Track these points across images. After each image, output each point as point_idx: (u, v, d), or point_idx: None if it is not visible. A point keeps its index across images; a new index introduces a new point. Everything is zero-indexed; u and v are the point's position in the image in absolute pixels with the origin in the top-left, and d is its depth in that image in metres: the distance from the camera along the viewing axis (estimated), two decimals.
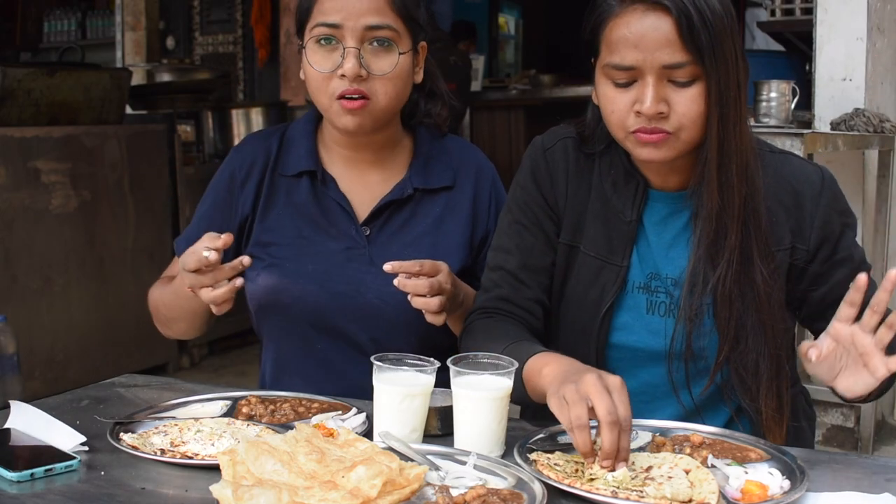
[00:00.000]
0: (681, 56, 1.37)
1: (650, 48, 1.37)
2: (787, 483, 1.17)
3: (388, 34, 1.57)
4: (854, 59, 3.45)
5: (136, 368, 3.62)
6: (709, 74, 1.38)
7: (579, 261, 1.55)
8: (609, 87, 1.43)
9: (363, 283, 1.66)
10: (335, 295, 1.66)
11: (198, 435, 1.31)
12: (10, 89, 3.80)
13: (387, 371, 1.33)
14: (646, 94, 1.38)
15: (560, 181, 1.57)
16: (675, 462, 1.20)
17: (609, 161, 1.56)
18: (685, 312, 1.46)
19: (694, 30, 1.36)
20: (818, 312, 1.54)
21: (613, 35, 1.40)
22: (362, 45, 1.56)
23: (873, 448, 3.47)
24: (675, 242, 1.53)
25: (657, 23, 1.37)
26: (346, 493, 1.06)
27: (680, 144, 1.42)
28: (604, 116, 1.47)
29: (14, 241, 3.79)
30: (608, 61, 1.41)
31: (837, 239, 1.52)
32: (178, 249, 1.72)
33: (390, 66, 1.58)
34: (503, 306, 1.56)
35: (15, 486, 1.16)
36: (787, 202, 1.50)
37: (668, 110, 1.39)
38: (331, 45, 1.57)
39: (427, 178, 1.72)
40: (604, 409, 1.17)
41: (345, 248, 1.68)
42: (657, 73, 1.38)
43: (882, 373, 1.26)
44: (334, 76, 1.57)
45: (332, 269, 1.68)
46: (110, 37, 7.16)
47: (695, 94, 1.39)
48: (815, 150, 2.89)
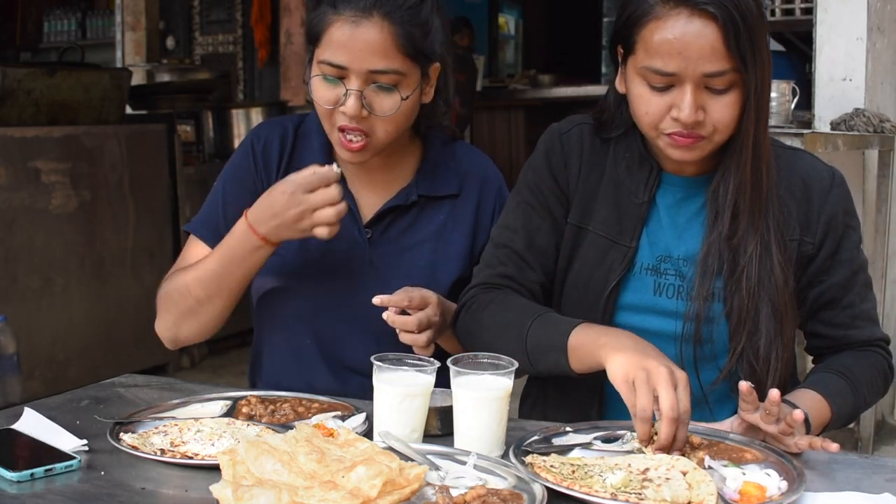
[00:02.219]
0: (723, 64, 1.37)
1: (693, 56, 1.36)
2: (784, 484, 1.17)
3: (393, 79, 1.56)
4: (854, 59, 3.45)
5: (136, 368, 3.61)
6: (747, 80, 1.39)
7: (587, 241, 1.56)
8: (644, 87, 1.43)
9: (362, 285, 1.66)
10: (333, 294, 1.67)
11: (198, 435, 1.31)
12: (10, 89, 3.80)
13: (387, 371, 1.33)
14: (685, 101, 1.38)
15: (573, 164, 1.58)
16: (672, 463, 1.20)
17: (625, 146, 1.57)
18: (699, 293, 1.48)
19: (739, 38, 1.36)
20: (811, 312, 1.56)
21: (655, 38, 1.39)
22: (365, 87, 1.56)
23: (873, 448, 3.47)
24: (688, 225, 1.54)
25: (703, 30, 1.36)
26: (346, 493, 1.06)
27: (712, 146, 1.45)
28: (635, 114, 1.47)
29: (14, 241, 3.79)
30: (647, 64, 1.40)
31: (841, 238, 1.53)
32: (198, 232, 1.71)
33: (392, 109, 1.57)
34: (508, 284, 1.57)
35: (15, 486, 1.16)
36: (798, 195, 1.52)
37: (704, 117, 1.40)
38: (335, 83, 1.57)
39: (433, 185, 1.73)
40: (668, 404, 1.23)
41: (346, 248, 1.69)
42: (697, 80, 1.38)
43: (794, 451, 1.29)
44: (336, 111, 1.58)
45: (333, 268, 1.68)
46: (110, 37, 7.17)
47: (732, 100, 1.40)
48: (815, 150, 2.89)
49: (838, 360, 1.54)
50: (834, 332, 1.56)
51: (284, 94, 6.83)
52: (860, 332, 1.56)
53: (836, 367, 1.51)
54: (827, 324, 1.56)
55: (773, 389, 1.28)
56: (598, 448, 1.30)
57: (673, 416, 1.23)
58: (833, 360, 1.55)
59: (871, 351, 1.57)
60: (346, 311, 1.68)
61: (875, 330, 1.58)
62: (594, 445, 1.30)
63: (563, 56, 9.19)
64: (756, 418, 1.30)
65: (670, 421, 1.23)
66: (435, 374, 1.33)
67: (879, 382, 1.56)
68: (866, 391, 1.51)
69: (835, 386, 1.46)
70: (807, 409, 1.36)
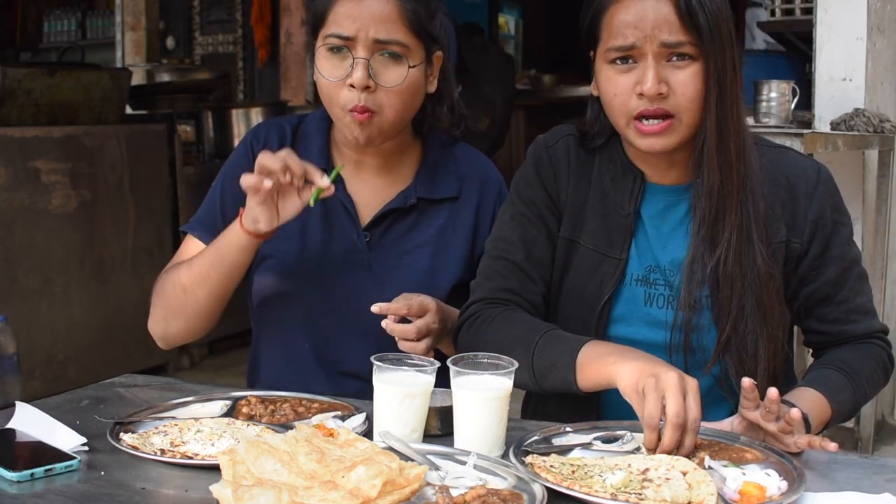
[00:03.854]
0: (680, 35, 1.42)
1: (650, 27, 1.42)
2: (784, 484, 1.17)
3: (398, 49, 1.58)
4: (854, 59, 3.45)
5: (136, 368, 3.61)
6: (706, 55, 1.43)
7: (578, 255, 1.57)
8: (610, 70, 1.47)
9: (359, 289, 1.66)
10: (331, 298, 1.67)
11: (198, 435, 1.31)
12: (10, 89, 3.80)
13: (387, 371, 1.33)
14: (647, 74, 1.43)
15: (562, 177, 1.59)
16: (672, 463, 1.20)
17: (608, 156, 1.58)
18: (685, 300, 1.48)
19: (692, 11, 1.42)
20: (806, 309, 1.56)
21: (615, 20, 1.45)
22: (372, 56, 1.57)
23: (873, 448, 3.47)
24: (673, 234, 1.54)
25: (657, 5, 1.43)
26: (346, 493, 1.06)
27: (682, 129, 1.46)
28: (605, 104, 1.50)
29: (14, 241, 3.79)
30: (609, 45, 1.46)
31: (829, 235, 1.53)
32: (195, 231, 1.72)
33: (399, 79, 1.58)
34: (511, 298, 1.57)
35: (15, 486, 1.16)
36: (783, 195, 1.52)
37: (668, 91, 1.43)
38: (341, 53, 1.58)
39: (432, 187, 1.72)
40: (673, 410, 1.23)
41: (345, 252, 1.69)
42: (656, 52, 1.43)
43: (794, 450, 1.29)
44: (344, 85, 1.58)
45: (330, 272, 1.68)
46: (110, 37, 7.15)
47: (693, 73, 1.44)
48: (815, 150, 2.89)
49: (837, 355, 1.54)
50: (830, 328, 1.57)
51: (284, 94, 6.83)
52: (857, 326, 1.56)
53: (834, 363, 1.51)
54: (822, 320, 1.57)
55: (771, 388, 1.29)
56: (598, 448, 1.30)
57: (677, 422, 1.23)
58: (832, 355, 1.55)
59: (870, 343, 1.57)
60: (343, 316, 1.68)
61: (873, 322, 1.58)
62: (594, 445, 1.30)
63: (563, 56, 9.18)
64: (756, 416, 1.31)
65: (674, 427, 1.23)
66: (435, 374, 1.33)
67: (880, 374, 1.56)
68: (866, 384, 1.51)
69: (834, 382, 1.46)
70: (806, 408, 1.36)
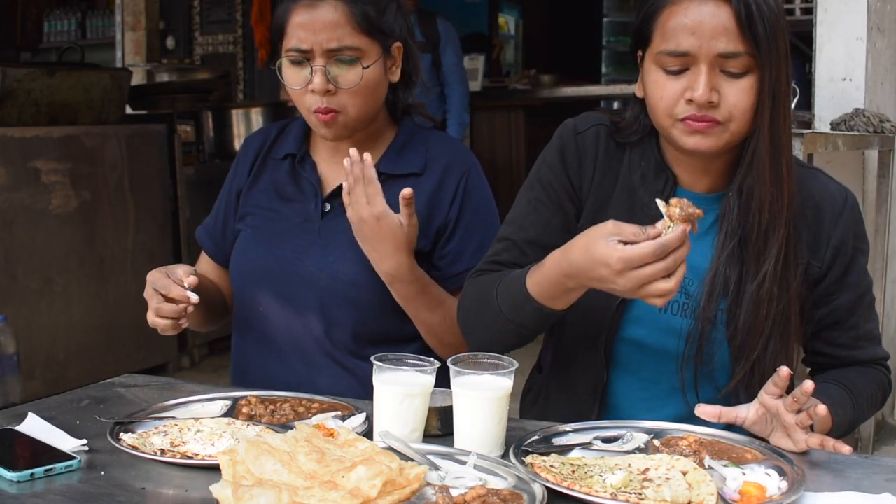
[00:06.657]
0: (737, 45, 1.37)
1: (707, 35, 1.37)
2: (784, 484, 1.17)
3: (351, 53, 1.69)
4: (854, 59, 3.45)
5: (136, 368, 3.62)
6: (763, 67, 1.38)
7: None
8: (660, 74, 1.43)
9: (305, 252, 1.75)
10: (279, 259, 1.77)
11: (198, 435, 1.31)
12: (10, 89, 3.80)
13: (387, 371, 1.33)
14: (699, 81, 1.38)
15: (588, 166, 1.56)
16: (672, 464, 1.20)
17: (640, 153, 1.55)
18: (703, 314, 1.46)
19: (752, 20, 1.36)
20: (815, 331, 1.55)
21: (670, 22, 1.40)
22: (328, 62, 1.68)
23: (873, 448, 3.47)
24: (696, 243, 1.51)
25: (716, 11, 1.37)
26: (346, 493, 1.06)
27: (727, 136, 1.42)
28: (650, 104, 1.47)
29: (14, 241, 3.79)
30: (662, 48, 1.41)
31: (849, 261, 1.52)
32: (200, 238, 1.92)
33: (356, 80, 1.69)
34: (494, 268, 1.56)
35: (15, 486, 1.16)
36: (809, 216, 1.50)
37: (719, 100, 1.39)
38: (301, 64, 1.70)
39: (396, 163, 1.79)
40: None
41: (301, 221, 1.79)
42: (711, 61, 1.38)
43: (802, 447, 1.29)
44: (307, 91, 1.70)
45: (283, 237, 1.78)
46: (110, 37, 7.15)
47: (747, 85, 1.39)
48: (815, 150, 2.89)
49: (841, 373, 1.53)
50: (837, 352, 1.56)
51: (284, 94, 6.77)
52: (863, 353, 1.56)
53: (839, 379, 1.50)
54: (831, 344, 1.56)
55: (807, 380, 1.27)
56: (598, 448, 1.30)
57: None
58: (836, 373, 1.54)
59: (872, 367, 1.57)
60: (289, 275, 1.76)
61: (878, 350, 1.58)
62: (594, 445, 1.30)
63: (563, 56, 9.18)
64: (777, 403, 1.29)
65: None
66: (435, 374, 1.33)
67: (878, 397, 1.56)
68: (865, 405, 1.51)
69: (837, 396, 1.45)
70: None
